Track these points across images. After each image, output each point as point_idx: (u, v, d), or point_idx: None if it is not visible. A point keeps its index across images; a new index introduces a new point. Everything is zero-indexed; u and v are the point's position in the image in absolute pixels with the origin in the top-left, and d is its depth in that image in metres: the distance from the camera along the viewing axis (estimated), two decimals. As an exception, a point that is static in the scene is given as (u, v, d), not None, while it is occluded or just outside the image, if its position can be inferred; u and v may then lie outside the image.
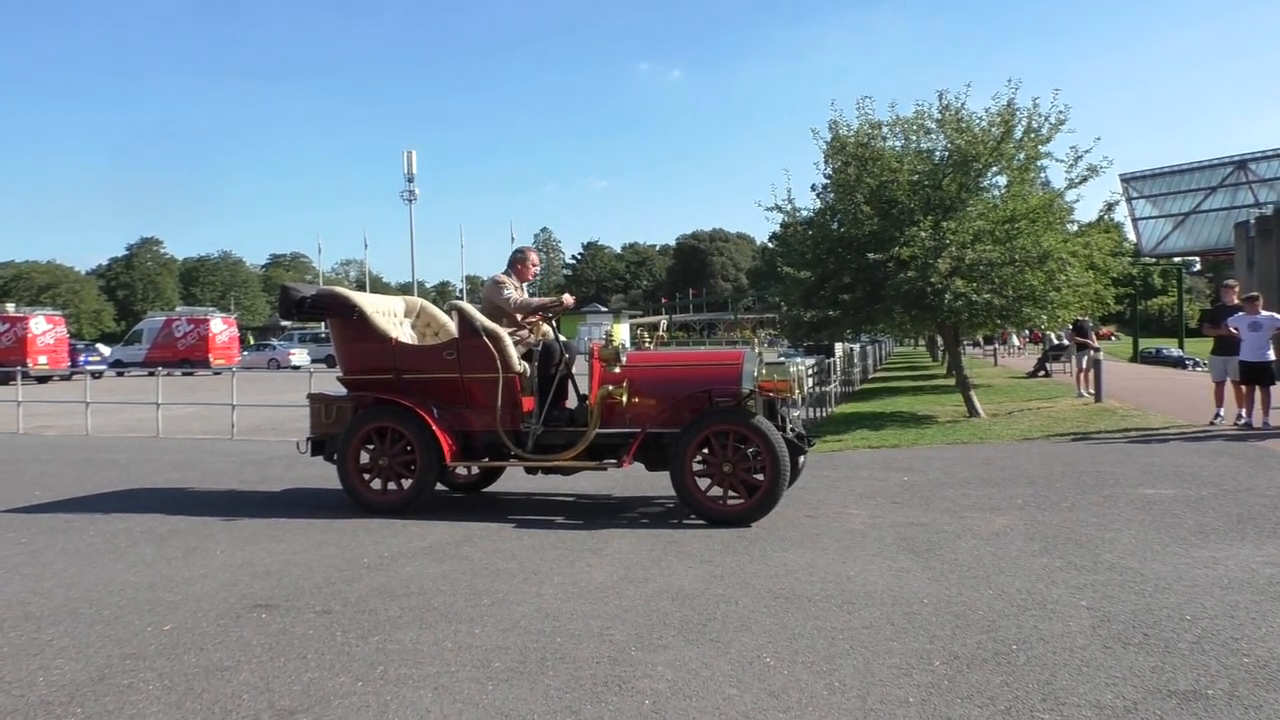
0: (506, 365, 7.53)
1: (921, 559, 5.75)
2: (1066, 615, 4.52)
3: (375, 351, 7.90)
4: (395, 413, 7.68)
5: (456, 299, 7.83)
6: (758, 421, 6.96)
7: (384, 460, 7.68)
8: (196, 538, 6.76)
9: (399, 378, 7.81)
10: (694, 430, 7.03)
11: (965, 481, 8.70)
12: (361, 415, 7.82)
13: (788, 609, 4.73)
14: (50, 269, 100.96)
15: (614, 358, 7.32)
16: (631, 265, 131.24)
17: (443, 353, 7.76)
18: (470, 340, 7.63)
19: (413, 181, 56.97)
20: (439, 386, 7.74)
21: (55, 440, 15.02)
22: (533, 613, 4.75)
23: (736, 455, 6.98)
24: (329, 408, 8.10)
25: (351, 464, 7.73)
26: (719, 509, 7.02)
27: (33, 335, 35.70)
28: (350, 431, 7.76)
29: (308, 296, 8.15)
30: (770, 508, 6.95)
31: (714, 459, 7.03)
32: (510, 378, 7.54)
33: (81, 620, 4.77)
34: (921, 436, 12.72)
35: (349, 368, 8.08)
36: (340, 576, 5.55)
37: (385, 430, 7.69)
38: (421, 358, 7.86)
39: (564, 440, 7.48)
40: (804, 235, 15.91)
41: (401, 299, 9.01)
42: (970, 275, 13.34)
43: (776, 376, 7.28)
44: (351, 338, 8.02)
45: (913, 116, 15.03)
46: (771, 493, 6.88)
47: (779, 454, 6.83)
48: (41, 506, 8.26)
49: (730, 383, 7.22)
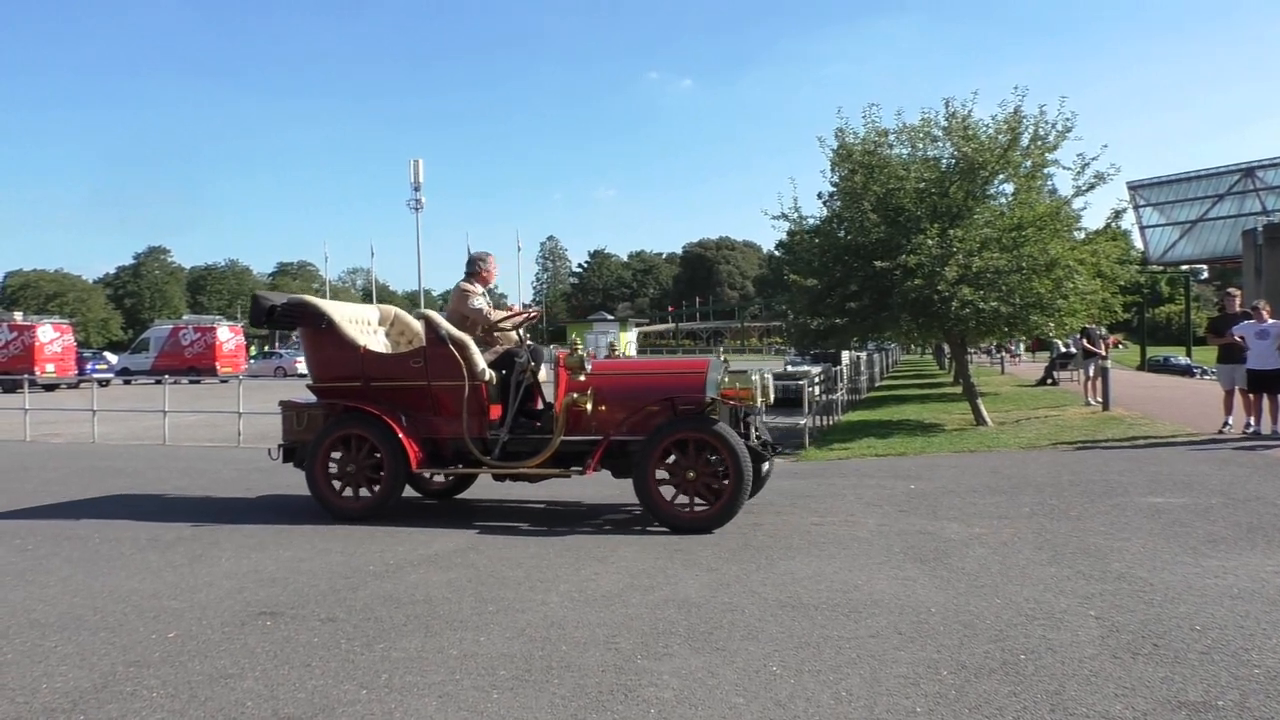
0: (472, 373, 7.59)
1: (929, 567, 5.72)
2: (1075, 625, 4.48)
3: (344, 359, 7.96)
4: (363, 420, 7.72)
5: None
6: (720, 429, 7.01)
7: (351, 467, 7.75)
8: (202, 545, 6.76)
9: (368, 385, 7.86)
10: (657, 437, 7.09)
11: (973, 490, 8.66)
12: (330, 423, 7.88)
13: (794, 617, 4.70)
14: (58, 278, 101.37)
15: (578, 366, 7.36)
16: (638, 273, 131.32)
17: (410, 361, 7.84)
18: (437, 348, 7.69)
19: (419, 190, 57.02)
20: (407, 394, 7.78)
21: (62, 447, 15.05)
22: (538, 620, 4.72)
23: (699, 462, 7.02)
24: (300, 415, 8.13)
25: (320, 470, 7.79)
26: (681, 516, 7.06)
27: (40, 343, 35.79)
28: (319, 439, 7.83)
29: (278, 305, 8.19)
30: (732, 514, 6.99)
31: (677, 466, 7.07)
32: (476, 385, 7.61)
33: (86, 627, 4.76)
34: (929, 444, 12.68)
35: (319, 375, 8.13)
36: (345, 584, 5.54)
37: (353, 437, 7.74)
38: (389, 366, 7.91)
39: (530, 448, 7.53)
40: (811, 243, 15.90)
41: (376, 308, 9.08)
42: (977, 283, 13.31)
43: (739, 385, 7.39)
44: (321, 346, 8.08)
45: (919, 124, 15.02)
46: (734, 500, 6.93)
47: (741, 461, 6.89)
48: (47, 513, 8.26)
49: (694, 391, 7.27)
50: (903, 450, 12.18)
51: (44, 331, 36.45)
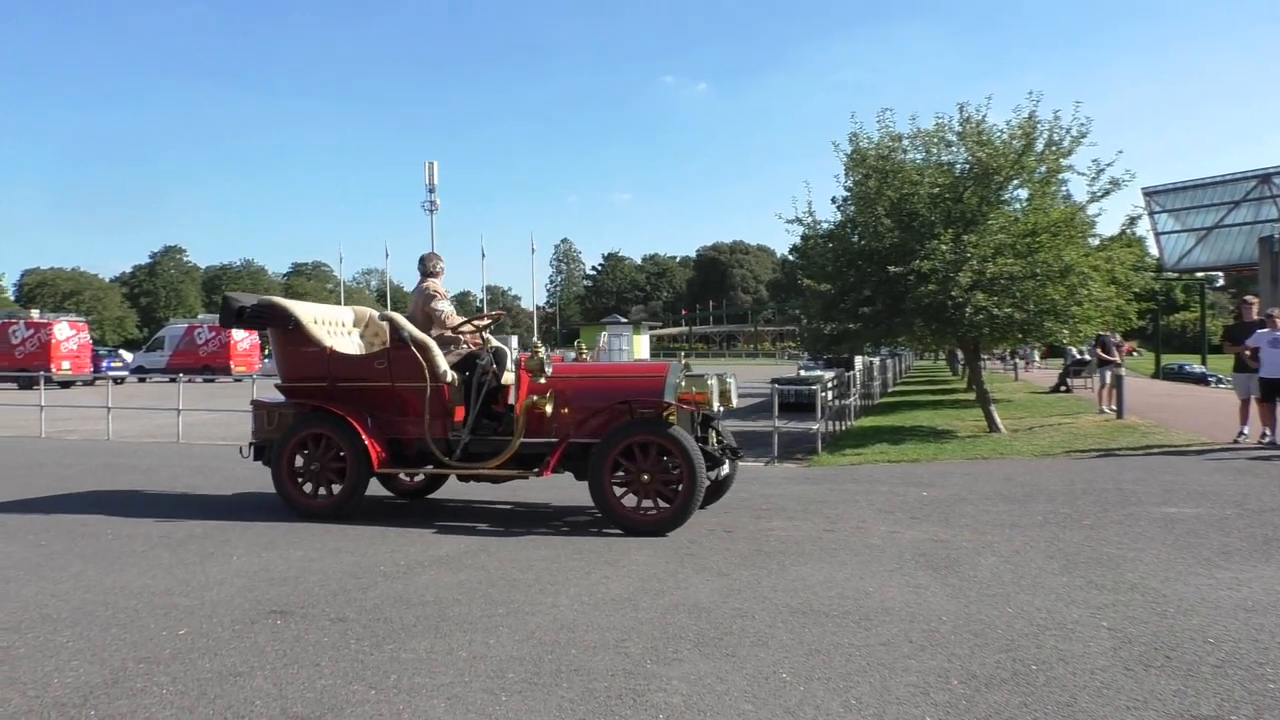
0: (434, 374, 7.69)
1: (940, 575, 5.69)
2: (1087, 636, 4.45)
3: (311, 360, 8.08)
4: (327, 420, 7.84)
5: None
6: (674, 432, 7.06)
7: (315, 466, 7.87)
8: (214, 543, 6.78)
9: (334, 386, 7.99)
10: (613, 440, 7.15)
11: (985, 497, 8.63)
12: (296, 422, 8.01)
13: (805, 624, 4.69)
14: (74, 276, 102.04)
15: (538, 368, 7.45)
16: (652, 276, 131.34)
17: (374, 362, 7.95)
18: (400, 350, 7.80)
19: (434, 192, 57.19)
20: (372, 395, 7.89)
21: (77, 444, 15.14)
22: (548, 624, 4.72)
23: (655, 466, 7.09)
24: (270, 414, 8.25)
25: (285, 468, 7.91)
26: (636, 518, 7.12)
27: (56, 341, 36.02)
28: (284, 437, 7.96)
29: (247, 306, 8.27)
30: (685, 517, 7.05)
31: (632, 469, 7.12)
32: (438, 387, 7.70)
33: (97, 623, 4.79)
34: (941, 451, 12.64)
35: (287, 375, 8.26)
36: (356, 584, 5.55)
37: (319, 436, 7.86)
38: (355, 367, 8.01)
39: (491, 449, 7.62)
40: (824, 248, 15.87)
41: (351, 309, 9.18)
42: (991, 289, 13.27)
43: (694, 389, 7.42)
44: (289, 346, 8.20)
45: (933, 129, 14.99)
46: (688, 503, 6.99)
47: (695, 465, 6.95)
48: (61, 509, 8.31)
49: (652, 395, 7.31)
50: (915, 457, 12.14)
51: (60, 329, 36.69)
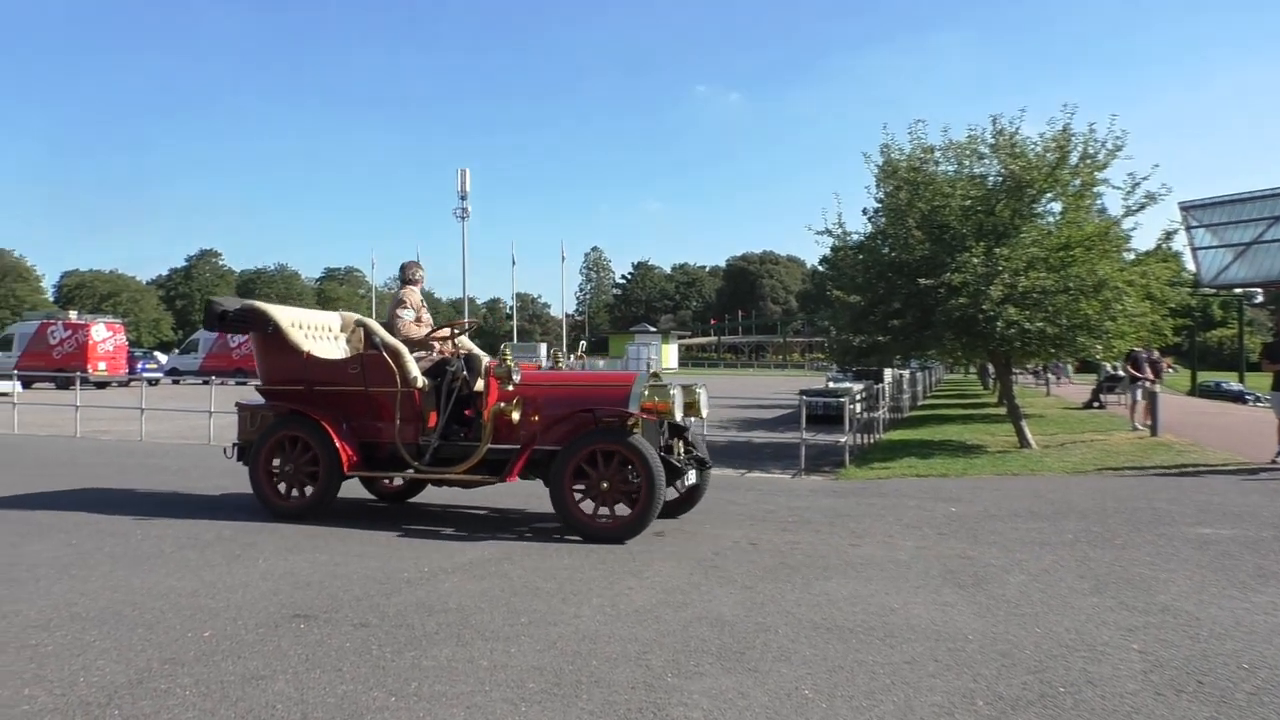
0: (405, 380, 7.82)
1: (967, 593, 5.62)
2: (1117, 658, 4.37)
3: (289, 364, 8.25)
4: (302, 423, 8.02)
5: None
6: (634, 441, 7.11)
7: (289, 467, 8.05)
8: (240, 545, 6.84)
9: (310, 389, 8.15)
10: (575, 448, 7.24)
11: (1014, 514, 8.52)
12: (273, 423, 8.20)
13: (828, 640, 4.64)
14: (112, 278, 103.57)
15: (506, 375, 7.56)
16: (681, 286, 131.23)
17: (348, 367, 8.10)
18: (372, 355, 7.96)
19: (466, 199, 57.59)
20: (346, 399, 8.04)
21: (110, 444, 15.34)
22: (570, 634, 4.71)
23: (615, 474, 7.15)
24: (253, 415, 8.44)
25: (261, 469, 8.10)
26: (595, 525, 7.19)
27: (93, 342, 36.53)
28: (261, 439, 8.16)
29: (229, 310, 8.48)
30: (643, 526, 7.11)
31: (592, 477, 7.19)
32: (409, 392, 7.83)
33: (124, 623, 4.83)
34: (970, 466, 12.51)
35: (266, 378, 8.44)
36: (379, 590, 5.57)
37: (294, 438, 8.03)
38: (330, 371, 8.16)
39: (460, 454, 7.73)
40: (854, 259, 15.80)
41: (339, 314, 9.33)
42: (1023, 303, 13.14)
43: (657, 399, 7.50)
44: (268, 350, 8.37)
45: (966, 141, 14.88)
46: (646, 512, 7.04)
47: (654, 474, 6.99)
48: (93, 508, 8.41)
49: (617, 404, 7.36)
50: (944, 471, 12.02)
51: (97, 330, 37.22)
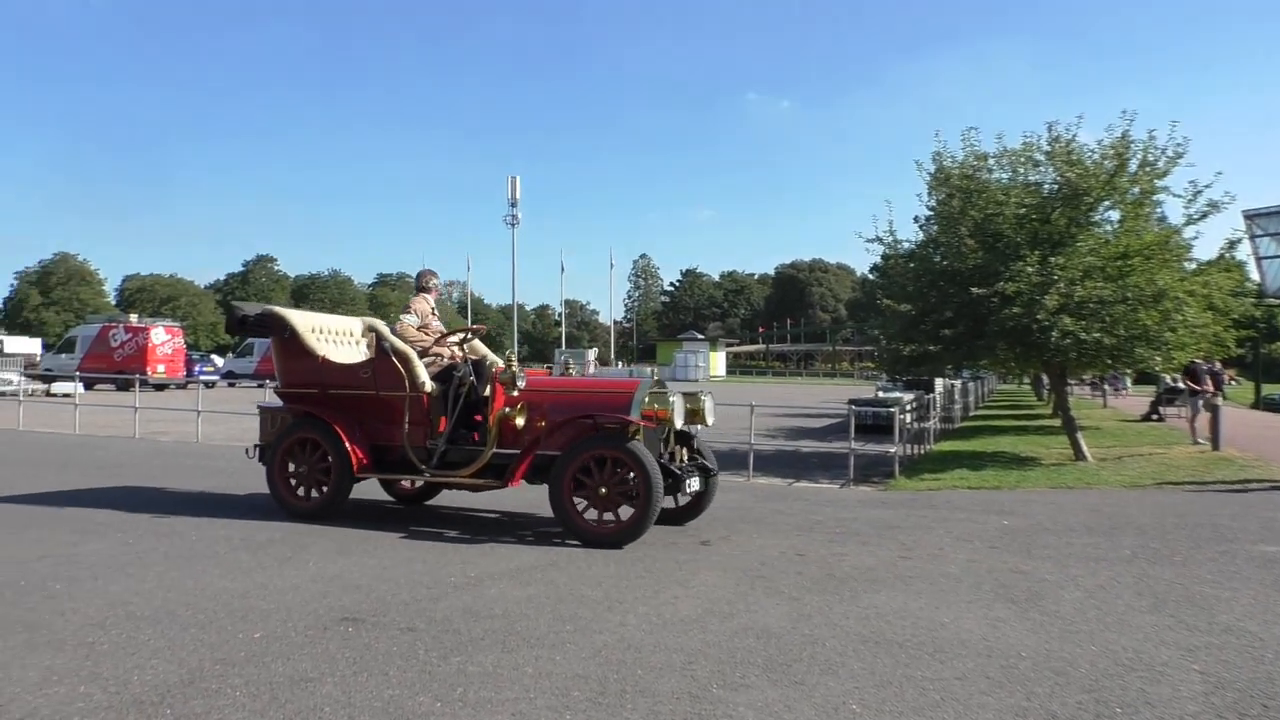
0: (414, 384, 8.00)
1: (1020, 609, 5.51)
2: (1176, 679, 4.25)
3: (305, 368, 8.50)
4: (315, 425, 8.24)
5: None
6: (632, 447, 7.19)
7: (303, 468, 8.27)
8: (291, 547, 6.93)
9: (324, 393, 8.37)
10: (574, 453, 7.34)
11: (1069, 529, 8.34)
12: (289, 426, 8.46)
13: (877, 654, 4.57)
14: (172, 282, 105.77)
15: (511, 381, 7.70)
16: (729, 293, 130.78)
17: (360, 371, 8.29)
18: (382, 360, 8.15)
19: (516, 206, 58.08)
20: (359, 402, 8.24)
21: (168, 445, 15.65)
22: (614, 642, 4.69)
23: (614, 480, 7.23)
24: (274, 418, 8.73)
25: (277, 469, 8.36)
26: (592, 529, 7.26)
27: (153, 345, 37.36)
28: (277, 441, 8.43)
29: (250, 315, 8.80)
30: (641, 531, 7.16)
31: (591, 482, 7.27)
32: (417, 396, 8.00)
33: (178, 622, 4.91)
34: (1024, 479, 12.29)
35: (284, 381, 8.68)
36: (427, 594, 5.60)
37: (308, 440, 8.25)
38: (343, 375, 8.36)
39: (466, 458, 7.87)
40: (905, 268, 15.61)
41: (360, 320, 9.53)
42: (1079, 313, 12.89)
43: (656, 406, 7.59)
44: (286, 354, 8.62)
45: (1020, 149, 14.63)
46: (643, 517, 7.11)
47: (652, 480, 7.04)
48: (149, 509, 8.58)
49: (618, 410, 7.45)
50: (996, 484, 11.83)
51: (157, 333, 38.06)
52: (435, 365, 8.28)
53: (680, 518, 8.14)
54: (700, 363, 71.30)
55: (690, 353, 73.33)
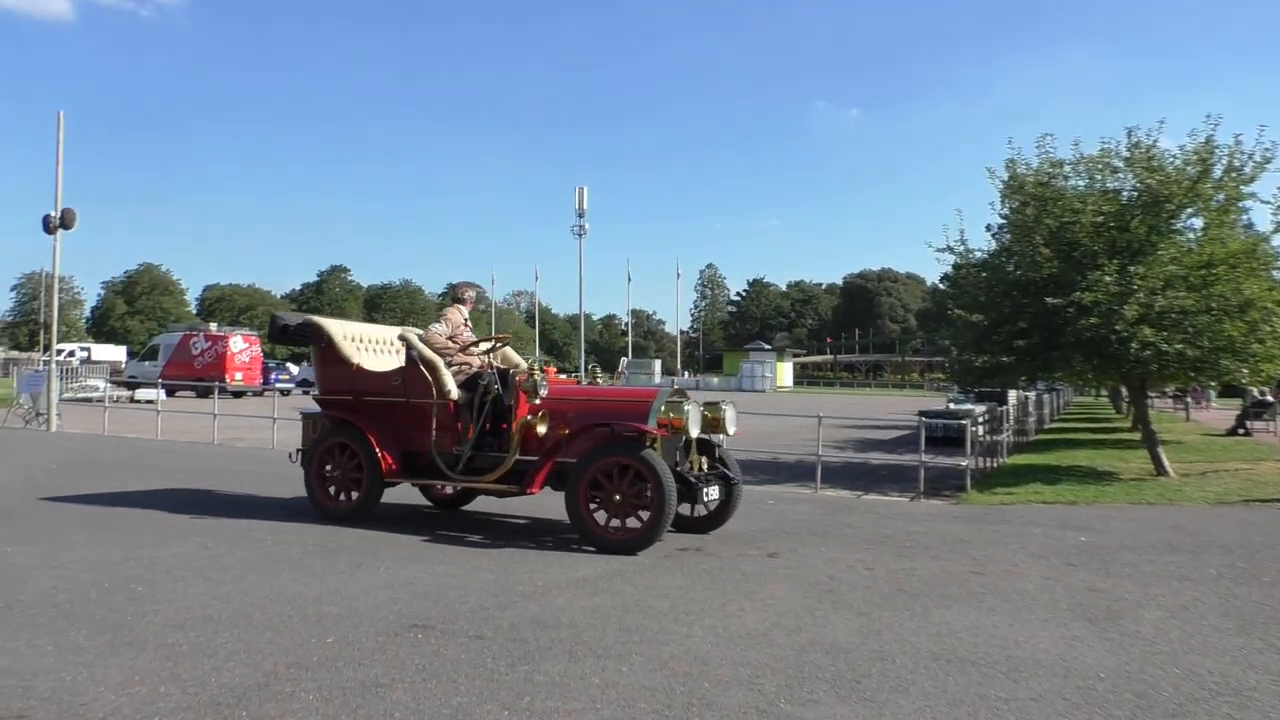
0: (441, 392, 8.19)
1: (1099, 628, 5.35)
2: (1266, 705, 4.08)
3: (342, 375, 8.79)
4: (348, 431, 8.53)
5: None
6: (646, 455, 7.30)
7: (337, 472, 8.57)
8: (362, 554, 7.04)
9: (359, 399, 8.66)
10: (590, 461, 7.48)
11: (1151, 546, 8.09)
12: (325, 431, 8.79)
13: (949, 672, 4.48)
14: (250, 292, 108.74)
15: (533, 390, 7.86)
16: (796, 303, 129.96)
17: (391, 379, 8.55)
18: (412, 368, 8.36)
19: (583, 217, 58.56)
20: (390, 409, 8.51)
21: (245, 451, 16.07)
22: (681, 654, 4.67)
23: (629, 487, 7.32)
24: (314, 423, 9.03)
25: (314, 473, 8.66)
26: (607, 536, 7.38)
27: (231, 353, 38.42)
28: (314, 446, 8.77)
29: (291, 324, 9.26)
30: (654, 538, 7.29)
31: (606, 489, 7.39)
32: (444, 403, 8.20)
33: (253, 626, 5.02)
34: (1102, 494, 11.96)
35: (323, 389, 9.05)
36: (495, 602, 5.64)
37: (343, 445, 8.54)
38: (376, 382, 8.64)
39: (491, 464, 8.04)
40: (977, 277, 15.32)
41: (399, 329, 9.65)
42: (1160, 323, 12.51)
43: (672, 415, 7.69)
44: (324, 362, 8.97)
45: (1098, 154, 14.27)
46: (656, 525, 7.22)
47: (665, 489, 7.15)
48: (227, 513, 8.81)
49: (636, 419, 7.56)
50: (1073, 498, 11.53)
51: (235, 342, 39.14)
52: (462, 373, 8.47)
53: (704, 526, 8.22)
54: (767, 373, 70.79)
55: (757, 363, 72.87)
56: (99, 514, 8.73)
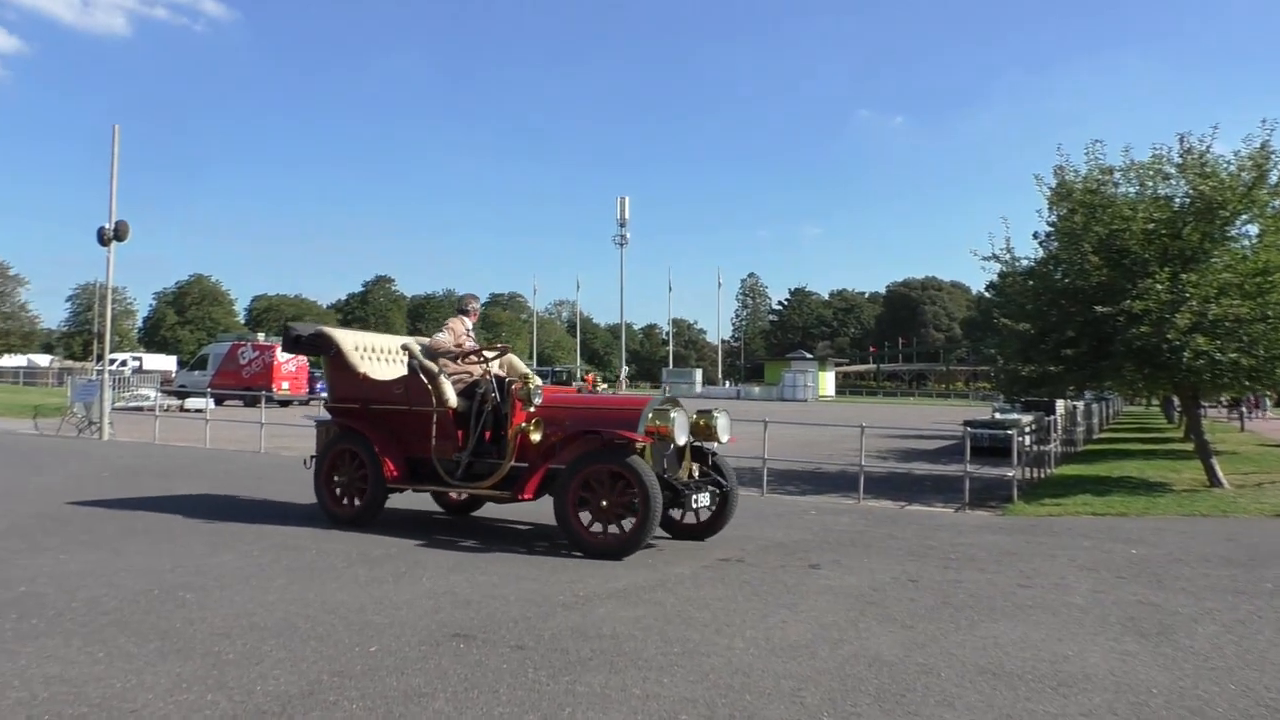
0: (440, 400, 8.42)
1: (1151, 643, 5.23)
2: (1328, 724, 3.96)
3: (349, 384, 9.07)
4: (354, 438, 8.80)
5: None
6: (632, 461, 7.40)
7: (344, 478, 8.82)
8: (405, 563, 7.09)
9: (365, 407, 8.92)
10: (577, 467, 7.61)
11: (1204, 559, 7.90)
12: (333, 438, 9.07)
13: (995, 686, 4.40)
14: (297, 302, 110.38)
15: (527, 398, 8.05)
16: (839, 312, 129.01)
17: (394, 388, 8.77)
18: (413, 377, 8.60)
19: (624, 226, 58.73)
20: (394, 417, 8.73)
21: (291, 460, 16.24)
22: (722, 666, 4.64)
23: (616, 493, 7.45)
24: (327, 430, 9.26)
25: (323, 478, 8.96)
26: (594, 541, 7.51)
27: (279, 363, 38.90)
28: (323, 451, 9.06)
29: (303, 335, 9.51)
30: (639, 544, 7.39)
31: (593, 495, 7.51)
32: (443, 411, 8.40)
33: (298, 634, 5.07)
34: (1153, 505, 11.72)
35: (333, 397, 9.26)
36: (536, 612, 5.65)
37: (350, 452, 8.80)
38: (381, 391, 8.87)
39: (489, 470, 8.23)
40: (1024, 285, 15.14)
41: (403, 339, 9.86)
42: (1214, 332, 12.26)
43: (658, 422, 7.78)
44: (334, 371, 9.25)
45: (1149, 161, 14.04)
46: (641, 530, 7.32)
47: (650, 494, 7.23)
48: (273, 521, 8.92)
49: (625, 426, 7.69)
50: (1123, 510, 11.30)
51: (282, 351, 39.63)
52: (461, 382, 8.65)
53: (701, 533, 8.35)
54: (809, 382, 70.36)
55: (799, 372, 72.45)
56: (149, 522, 8.88)
